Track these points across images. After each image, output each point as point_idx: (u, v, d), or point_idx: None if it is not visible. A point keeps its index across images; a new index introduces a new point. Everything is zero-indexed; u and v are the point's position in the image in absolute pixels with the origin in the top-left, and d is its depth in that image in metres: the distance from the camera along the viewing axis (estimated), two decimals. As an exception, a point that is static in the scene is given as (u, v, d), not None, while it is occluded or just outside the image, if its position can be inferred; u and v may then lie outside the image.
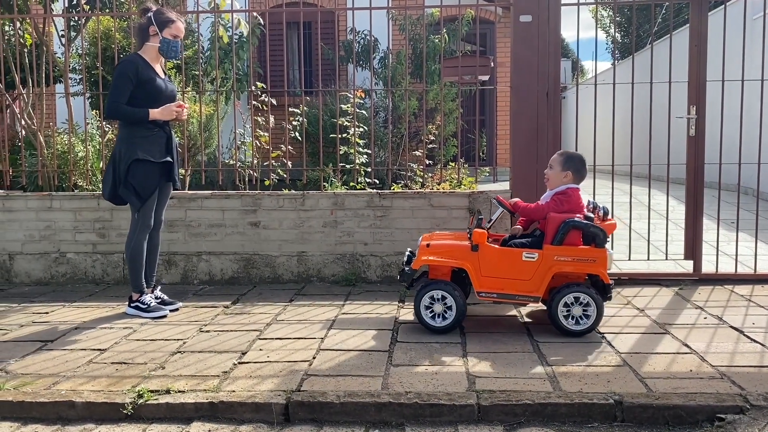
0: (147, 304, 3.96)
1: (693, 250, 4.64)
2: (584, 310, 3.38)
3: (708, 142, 4.65)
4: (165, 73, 4.15)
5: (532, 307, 4.00)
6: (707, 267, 4.69)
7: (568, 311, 3.39)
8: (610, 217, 3.67)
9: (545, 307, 3.53)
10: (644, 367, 2.93)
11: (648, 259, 4.74)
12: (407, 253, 3.74)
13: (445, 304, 3.47)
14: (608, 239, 3.52)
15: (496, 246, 3.56)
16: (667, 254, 4.76)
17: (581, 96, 4.86)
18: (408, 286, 3.67)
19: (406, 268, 3.64)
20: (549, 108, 4.61)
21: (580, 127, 4.99)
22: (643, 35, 19.91)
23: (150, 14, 3.94)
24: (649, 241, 4.78)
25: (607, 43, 26.87)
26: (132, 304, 3.99)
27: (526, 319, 3.75)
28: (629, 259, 4.75)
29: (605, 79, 9.94)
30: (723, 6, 5.12)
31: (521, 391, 2.65)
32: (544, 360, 3.04)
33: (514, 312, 3.90)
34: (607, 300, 3.51)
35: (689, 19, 4.72)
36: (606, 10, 23.97)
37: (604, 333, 3.45)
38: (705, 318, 3.71)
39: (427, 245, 3.59)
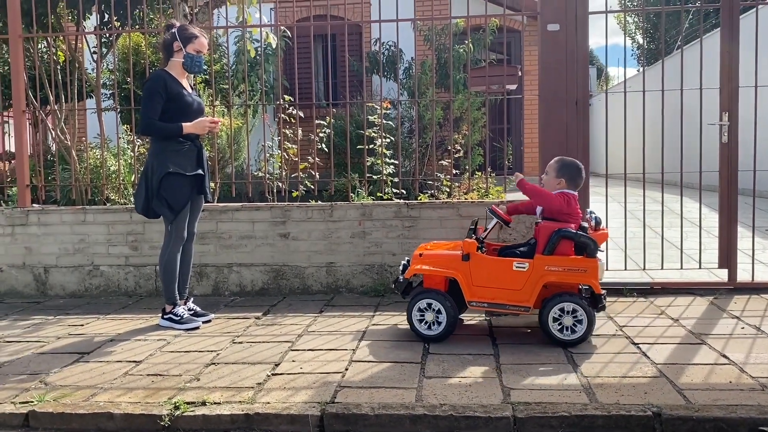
0: (180, 315, 4.01)
1: (727, 258, 4.57)
2: (575, 320, 3.36)
3: (741, 149, 4.58)
4: (192, 87, 4.21)
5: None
6: (742, 275, 4.61)
7: (559, 321, 3.38)
8: (603, 226, 3.64)
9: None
10: (682, 379, 2.88)
11: (681, 268, 4.67)
12: (403, 262, 3.77)
13: (437, 313, 3.49)
14: (600, 249, 3.50)
15: (487, 255, 3.56)
16: (700, 263, 4.68)
17: (610, 102, 4.81)
18: (402, 295, 3.72)
19: (400, 277, 3.69)
20: (578, 116, 4.59)
21: (611, 134, 4.95)
22: (669, 41, 19.71)
23: (174, 30, 4.02)
24: (681, 249, 4.71)
25: (633, 50, 26.65)
26: (165, 316, 4.03)
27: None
28: (662, 268, 4.68)
29: (632, 85, 9.85)
30: (755, 9, 5.05)
31: (557, 403, 2.62)
32: (579, 371, 3.01)
33: (546, 322, 3.86)
34: (600, 310, 3.51)
35: (720, 23, 4.66)
36: (632, 17, 23.79)
37: (638, 343, 3.40)
38: (742, 328, 3.64)
39: (420, 255, 3.65)
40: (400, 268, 3.76)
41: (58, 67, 6.42)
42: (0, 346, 3.71)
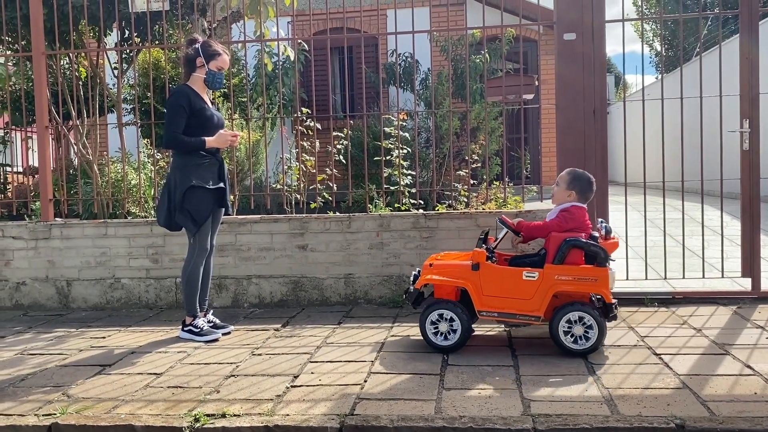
0: (200, 327, 4.04)
1: (751, 266, 4.50)
2: (585, 330, 3.35)
3: (763, 155, 4.52)
4: (212, 102, 4.27)
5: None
6: (767, 284, 4.54)
7: (570, 330, 3.36)
8: (613, 235, 3.62)
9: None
10: (705, 390, 2.84)
11: (703, 277, 4.62)
12: (414, 272, 3.78)
13: (450, 323, 3.50)
14: (612, 258, 3.49)
15: (497, 265, 3.56)
16: (723, 271, 4.62)
17: (629, 111, 4.78)
18: (414, 305, 3.74)
19: (411, 288, 3.70)
20: (596, 125, 4.57)
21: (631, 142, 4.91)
22: (687, 48, 19.56)
23: (197, 46, 4.07)
24: (703, 258, 4.66)
25: (651, 57, 26.48)
26: (185, 328, 4.06)
27: (579, 341, 3.68)
28: (683, 277, 4.63)
29: (650, 93, 9.77)
30: (774, 16, 5.00)
31: (578, 415, 2.60)
32: (599, 382, 2.98)
33: (566, 333, 3.83)
34: (611, 320, 3.50)
35: (739, 29, 4.62)
36: (650, 24, 23.65)
37: (660, 354, 3.36)
38: (767, 338, 3.58)
39: (430, 265, 3.66)
40: (411, 278, 3.78)
41: (80, 83, 6.53)
42: (24, 358, 3.76)
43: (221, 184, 4.12)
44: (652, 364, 3.22)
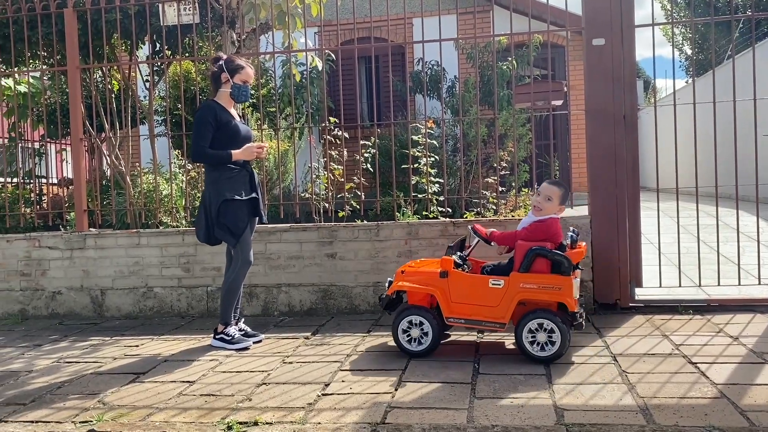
0: (231, 336, 4.07)
1: (789, 273, 4.40)
2: (549, 337, 3.39)
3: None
4: (240, 116, 4.33)
5: (616, 336, 3.88)
6: (805, 291, 4.43)
7: (533, 338, 3.41)
8: (579, 243, 3.65)
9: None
10: (744, 400, 2.78)
11: (739, 284, 4.52)
12: (389, 279, 3.86)
13: (422, 329, 3.58)
14: (580, 267, 3.60)
15: (465, 273, 3.63)
16: (759, 278, 4.52)
17: (654, 116, 4.72)
18: (388, 311, 3.84)
19: (382, 295, 3.81)
20: (626, 131, 4.52)
21: (654, 148, 4.85)
22: (719, 50, 19.24)
23: (221, 62, 4.16)
24: (739, 265, 4.57)
25: (681, 61, 26.11)
26: (217, 336, 4.10)
27: (613, 350, 3.63)
28: (718, 284, 4.54)
29: (681, 97, 9.63)
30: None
31: (613, 425, 2.56)
32: (634, 391, 2.93)
33: (599, 342, 3.79)
34: (577, 328, 3.52)
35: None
36: (679, 28, 23.35)
37: (697, 363, 3.29)
38: (807, 346, 3.49)
39: (402, 272, 3.76)
40: (387, 284, 3.85)
41: (113, 95, 6.66)
42: (60, 366, 3.83)
43: (254, 194, 4.18)
44: (688, 373, 3.16)
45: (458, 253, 3.71)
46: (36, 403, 3.17)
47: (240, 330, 4.20)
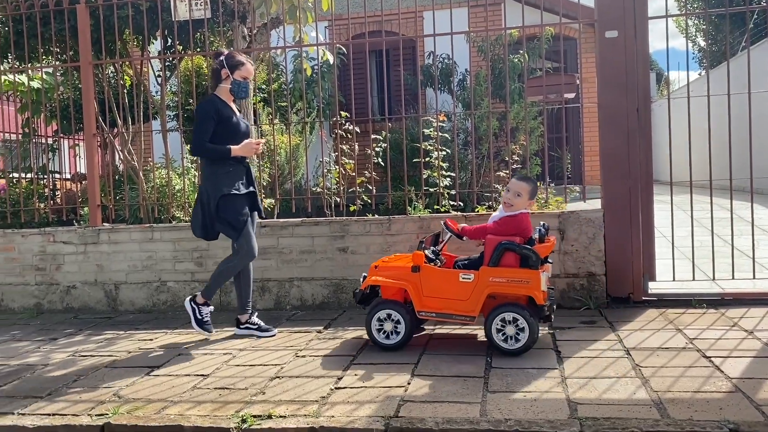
0: (203, 315, 4.19)
1: (804, 267, 4.36)
2: (517, 330, 3.45)
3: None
4: (239, 111, 4.36)
5: (629, 330, 3.86)
6: (821, 285, 4.39)
7: (502, 331, 3.47)
8: (548, 237, 3.72)
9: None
10: (759, 394, 2.76)
11: (754, 278, 4.49)
12: (364, 274, 3.91)
13: (395, 322, 3.65)
14: (549, 261, 3.68)
15: (437, 267, 3.68)
16: (774, 272, 4.49)
17: (667, 109, 4.69)
18: (362, 306, 3.91)
19: (355, 290, 3.89)
20: (639, 124, 4.49)
21: (667, 141, 4.82)
22: (733, 42, 19.06)
23: (222, 58, 4.20)
24: (754, 258, 4.54)
25: (694, 53, 25.87)
26: (192, 305, 4.20)
27: (626, 344, 3.62)
28: (733, 278, 4.51)
29: (694, 89, 9.55)
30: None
31: (627, 419, 2.55)
32: (648, 386, 2.92)
33: (612, 336, 3.78)
34: (545, 321, 3.64)
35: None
36: (692, 19, 23.12)
37: (711, 357, 3.28)
38: (823, 340, 3.47)
39: (376, 267, 3.82)
40: (361, 279, 3.90)
41: (125, 91, 6.69)
42: (76, 359, 3.87)
43: (252, 188, 4.22)
44: (702, 367, 3.15)
45: (431, 248, 3.78)
46: (52, 396, 3.21)
47: (253, 324, 4.23)
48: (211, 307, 4.29)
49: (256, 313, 4.37)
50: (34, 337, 4.54)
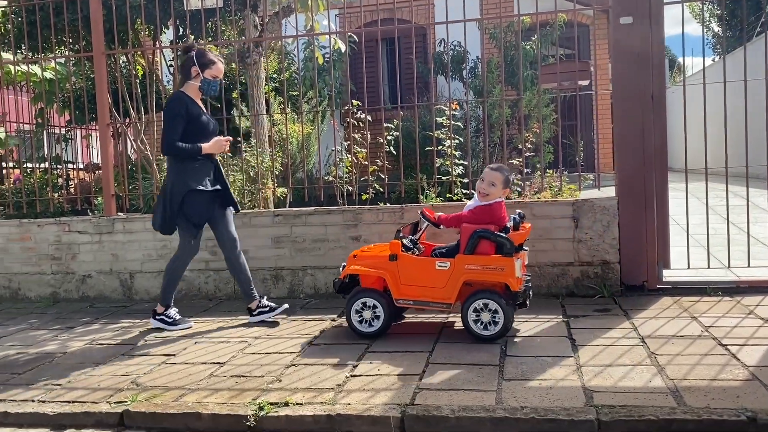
0: (172, 318, 4.26)
1: (821, 254, 4.33)
2: (493, 317, 3.51)
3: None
4: (205, 108, 4.36)
5: (644, 318, 3.85)
6: (838, 272, 4.36)
7: (478, 317, 3.53)
8: (525, 224, 3.77)
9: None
10: (776, 382, 2.75)
11: (770, 265, 4.46)
12: (343, 263, 3.94)
13: (374, 311, 3.70)
14: (525, 248, 3.74)
15: (414, 256, 3.73)
16: (791, 260, 4.46)
17: (680, 96, 4.63)
18: (342, 295, 3.96)
19: (335, 279, 3.94)
20: (654, 111, 4.45)
21: (681, 128, 4.77)
22: (748, 27, 18.81)
23: (192, 54, 4.15)
24: (770, 246, 4.50)
25: (708, 39, 25.56)
26: (157, 317, 4.27)
27: (641, 332, 3.61)
28: (748, 266, 4.48)
29: (708, 75, 9.46)
30: None
31: (643, 407, 2.55)
32: (663, 373, 2.92)
33: (627, 324, 3.77)
34: (520, 307, 3.69)
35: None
36: (706, 4, 22.84)
37: (727, 345, 3.27)
38: (840, 328, 3.44)
39: (354, 256, 3.88)
40: (340, 269, 3.94)
41: (137, 80, 6.70)
42: (93, 348, 3.91)
43: (218, 186, 4.24)
44: (718, 355, 3.14)
45: (409, 237, 3.82)
46: (72, 384, 3.25)
47: (264, 307, 4.30)
48: (175, 309, 4.35)
49: (265, 297, 4.43)
50: (51, 325, 4.59)
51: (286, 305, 4.35)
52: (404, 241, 3.75)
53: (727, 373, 2.88)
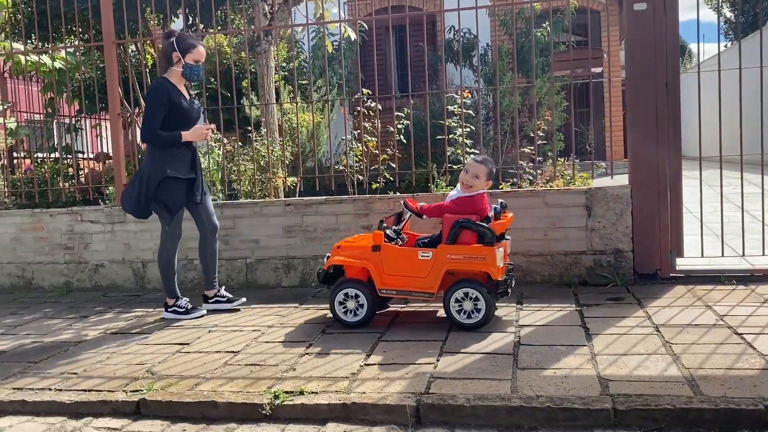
0: (184, 307, 4.28)
1: (837, 242, 4.29)
2: (475, 305, 3.55)
3: None
4: (189, 94, 4.33)
5: (657, 307, 3.84)
6: None
7: (460, 306, 3.57)
8: (507, 213, 3.79)
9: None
10: (793, 371, 2.74)
11: (785, 254, 4.43)
12: (327, 254, 3.99)
13: (357, 301, 3.74)
14: (507, 237, 3.77)
15: (397, 246, 3.76)
16: (806, 248, 4.42)
17: (691, 82, 4.59)
18: (326, 286, 4.01)
19: (319, 269, 4.01)
20: (668, 98, 4.41)
21: (691, 116, 4.73)
22: (762, 13, 18.60)
23: (172, 40, 4.14)
24: (785, 234, 4.46)
25: (722, 25, 25.29)
26: (169, 309, 4.29)
27: (655, 320, 3.60)
28: (763, 254, 4.45)
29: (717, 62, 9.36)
30: None
31: (659, 396, 2.54)
32: (679, 362, 2.90)
33: (641, 313, 3.75)
34: (502, 296, 3.72)
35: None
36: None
37: (742, 333, 3.25)
38: None
39: (338, 247, 3.93)
40: (324, 259, 3.98)
41: (147, 70, 6.69)
42: (107, 337, 3.93)
43: (193, 174, 4.24)
44: (734, 343, 3.12)
45: (392, 228, 3.84)
46: (87, 373, 3.27)
47: (222, 297, 4.40)
48: (185, 298, 4.37)
49: (223, 287, 4.52)
50: (65, 314, 4.62)
51: (244, 298, 4.43)
52: (387, 231, 3.79)
53: (743, 362, 2.87)
